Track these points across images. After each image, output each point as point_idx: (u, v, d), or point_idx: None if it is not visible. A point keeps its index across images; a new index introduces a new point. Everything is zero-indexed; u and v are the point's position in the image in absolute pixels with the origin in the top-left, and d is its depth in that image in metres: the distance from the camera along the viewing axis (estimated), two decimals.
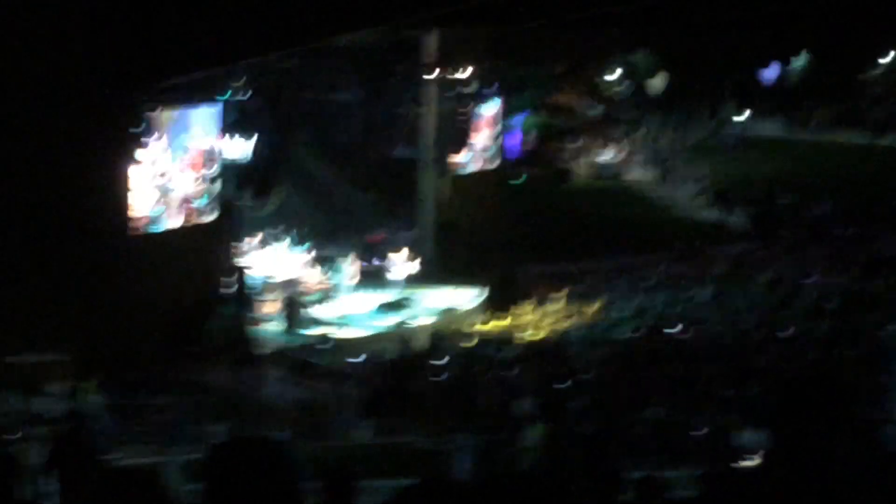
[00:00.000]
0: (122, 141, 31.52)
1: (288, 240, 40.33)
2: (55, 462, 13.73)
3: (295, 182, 41.47)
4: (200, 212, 34.61)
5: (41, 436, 21.72)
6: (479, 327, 38.34)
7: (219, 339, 31.41)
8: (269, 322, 36.94)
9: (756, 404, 24.74)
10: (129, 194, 31.97)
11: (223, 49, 30.61)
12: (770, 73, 70.38)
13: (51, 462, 13.70)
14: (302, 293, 37.84)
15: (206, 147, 34.52)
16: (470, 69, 41.86)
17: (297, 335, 35.86)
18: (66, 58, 29.89)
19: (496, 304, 40.97)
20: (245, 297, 35.96)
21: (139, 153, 31.99)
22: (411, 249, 41.92)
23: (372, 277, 41.57)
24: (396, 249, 41.11)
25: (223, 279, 35.15)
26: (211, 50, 30.67)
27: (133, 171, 31.98)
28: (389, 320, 37.94)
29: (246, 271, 36.82)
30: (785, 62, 74.70)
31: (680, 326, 34.62)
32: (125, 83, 30.62)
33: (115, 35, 30.13)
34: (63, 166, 29.86)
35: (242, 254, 38.07)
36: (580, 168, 64.94)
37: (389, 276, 40.67)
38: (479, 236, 45.82)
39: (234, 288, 27.76)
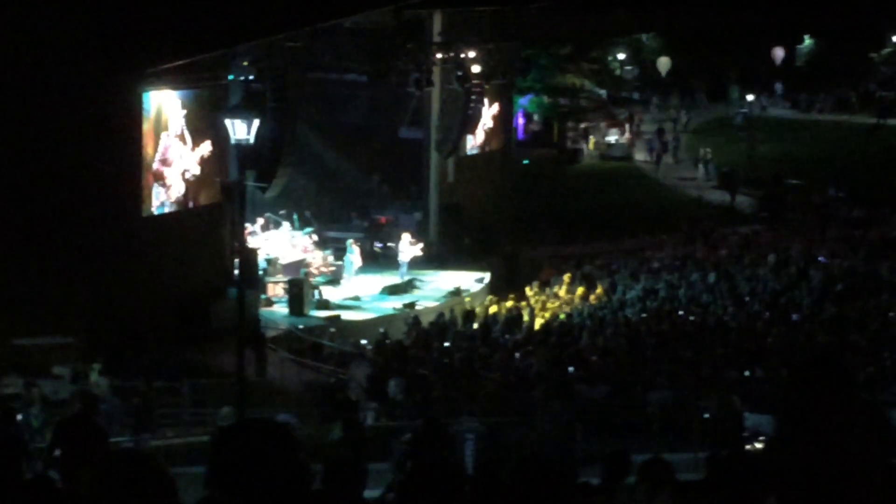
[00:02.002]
0: (127, 123, 31.49)
1: (293, 222, 40.24)
2: (61, 443, 13.80)
3: (300, 164, 41.39)
4: (202, 193, 34.56)
5: (48, 417, 21.79)
6: (484, 310, 38.30)
7: (225, 321, 31.37)
8: (276, 304, 36.91)
9: (763, 387, 24.74)
10: (136, 177, 31.95)
11: (229, 30, 30.57)
12: (777, 55, 70.23)
13: (56, 442, 13.76)
14: (307, 276, 37.77)
15: (210, 128, 34.41)
16: (476, 50, 41.71)
17: (303, 317, 35.81)
18: (73, 41, 29.86)
19: (502, 287, 40.91)
20: (251, 280, 35.86)
21: (144, 135, 31.96)
22: (417, 231, 41.77)
23: (378, 260, 41.49)
24: (402, 231, 40.98)
25: (229, 261, 35.11)
26: (217, 31, 30.63)
27: (139, 154, 31.95)
28: (395, 303, 37.89)
29: (252, 254, 36.73)
30: (793, 44, 74.55)
31: (687, 308, 34.59)
32: (132, 66, 30.59)
33: (123, 18, 30.09)
34: (69, 150, 29.83)
35: (248, 236, 37.99)
36: (588, 149, 64.90)
37: (395, 258, 40.57)
38: (485, 218, 45.76)
39: (240, 270, 27.73)
